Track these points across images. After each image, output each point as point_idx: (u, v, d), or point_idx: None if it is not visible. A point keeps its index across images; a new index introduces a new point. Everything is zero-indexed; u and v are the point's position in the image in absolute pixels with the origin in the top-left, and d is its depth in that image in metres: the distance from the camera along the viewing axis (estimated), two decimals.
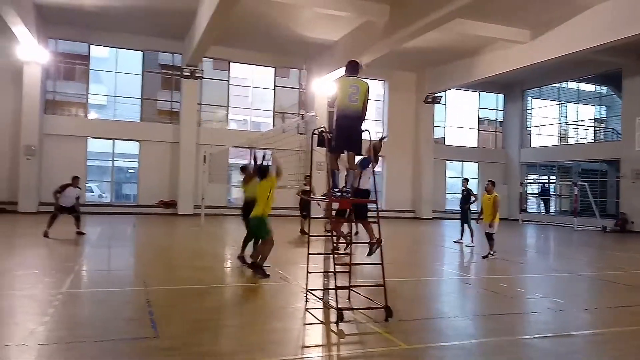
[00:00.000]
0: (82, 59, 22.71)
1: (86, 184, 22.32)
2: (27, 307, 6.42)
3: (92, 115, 23.40)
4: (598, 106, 28.04)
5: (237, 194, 25.81)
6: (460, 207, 15.21)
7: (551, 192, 29.84)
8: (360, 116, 6.65)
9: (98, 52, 23.21)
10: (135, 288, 7.70)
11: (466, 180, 15.74)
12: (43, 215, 14.11)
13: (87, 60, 22.71)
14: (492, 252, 11.65)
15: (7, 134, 20.68)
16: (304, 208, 14.83)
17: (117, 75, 23.27)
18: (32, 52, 19.65)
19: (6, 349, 4.71)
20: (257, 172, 9.16)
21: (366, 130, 6.76)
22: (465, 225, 14.71)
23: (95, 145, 22.92)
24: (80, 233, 13.43)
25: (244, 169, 10.98)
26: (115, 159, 23.47)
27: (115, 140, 23.08)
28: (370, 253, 7.50)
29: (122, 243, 13.37)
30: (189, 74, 22.40)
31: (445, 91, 27.30)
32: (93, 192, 24.08)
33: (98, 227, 16.33)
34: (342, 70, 8.44)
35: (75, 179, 13.38)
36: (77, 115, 22.94)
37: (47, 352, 4.72)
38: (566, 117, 28.47)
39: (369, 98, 6.79)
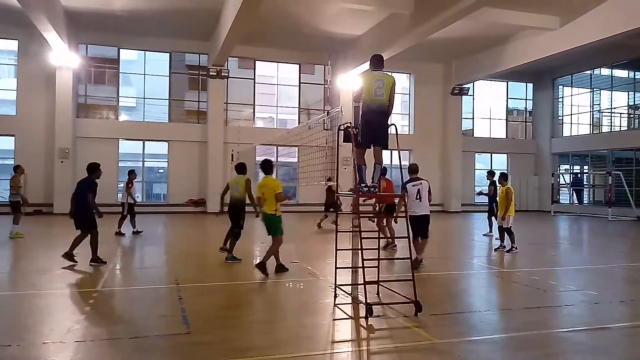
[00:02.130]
0: (112, 62, 23.24)
1: (118, 185, 22.83)
2: (65, 305, 6.65)
3: (123, 117, 23.92)
4: (632, 92, 27.15)
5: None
6: (489, 200, 15.06)
7: (584, 182, 29.12)
8: (386, 110, 6.62)
9: (127, 56, 23.70)
10: (168, 285, 7.85)
11: (490, 174, 15.45)
12: None
13: (116, 64, 23.23)
14: (514, 247, 11.43)
15: (41, 137, 21.32)
16: (331, 204, 14.89)
17: (145, 77, 23.71)
18: (64, 58, 20.21)
19: (45, 347, 4.88)
20: (263, 168, 8.93)
21: (393, 124, 6.73)
22: (493, 219, 14.55)
23: (126, 147, 23.43)
24: (138, 232, 14.22)
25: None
26: (145, 159, 23.94)
27: (145, 141, 23.55)
28: (415, 267, 8.11)
29: (154, 241, 13.64)
30: (215, 73, 22.69)
31: (472, 82, 26.89)
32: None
33: (130, 226, 16.69)
34: (367, 65, 8.38)
35: (133, 171, 14.59)
36: (108, 118, 23.48)
37: (84, 349, 4.86)
38: (599, 104, 27.66)
39: (395, 92, 6.74)
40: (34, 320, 5.86)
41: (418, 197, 9.28)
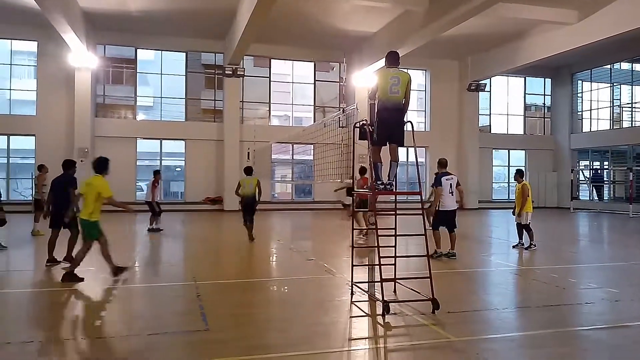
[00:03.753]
0: (129, 62, 23.51)
1: (136, 184, 23.13)
2: (86, 302, 6.75)
3: (140, 116, 24.18)
4: None
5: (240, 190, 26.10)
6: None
7: (604, 179, 28.67)
8: (402, 108, 6.59)
9: (144, 55, 23.95)
10: (186, 283, 7.94)
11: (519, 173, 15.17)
12: None
13: (134, 64, 23.49)
14: (532, 244, 11.33)
15: (61, 137, 21.64)
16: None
17: (162, 76, 23.93)
18: (82, 58, 20.50)
19: (66, 343, 4.97)
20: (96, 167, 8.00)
21: (409, 121, 6.70)
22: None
23: (143, 146, 23.69)
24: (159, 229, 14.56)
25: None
26: (163, 158, 24.17)
27: (163, 140, 23.78)
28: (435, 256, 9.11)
29: (172, 239, 13.78)
30: (230, 72, 22.80)
31: (489, 78, 26.62)
32: (143, 191, 24.86)
33: (149, 224, 16.88)
34: (382, 62, 8.36)
35: (158, 172, 15.51)
36: (126, 117, 23.76)
37: (105, 345, 4.95)
38: (619, 99, 27.19)
39: (411, 89, 6.71)
40: (55, 317, 5.97)
41: (450, 192, 9.72)
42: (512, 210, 12.09)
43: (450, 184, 10.03)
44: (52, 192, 9.06)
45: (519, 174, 11.85)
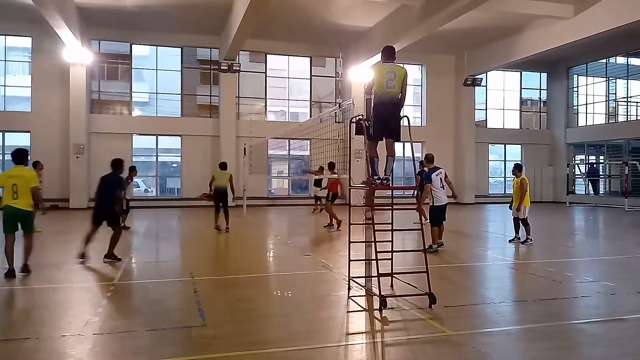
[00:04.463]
0: (124, 58, 23.38)
1: (133, 179, 23.04)
2: (83, 299, 6.74)
3: (136, 112, 24.09)
4: None
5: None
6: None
7: (600, 173, 28.76)
8: (399, 103, 6.59)
9: (139, 51, 23.83)
10: (183, 279, 7.93)
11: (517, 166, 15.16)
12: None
13: (129, 59, 23.37)
14: (529, 238, 11.41)
15: (56, 133, 21.56)
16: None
17: (157, 72, 23.83)
18: (77, 54, 20.37)
19: (64, 339, 4.96)
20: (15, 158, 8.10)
21: (405, 116, 6.70)
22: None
23: (139, 142, 23.62)
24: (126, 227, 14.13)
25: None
26: (159, 154, 24.11)
27: (158, 136, 23.70)
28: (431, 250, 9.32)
29: (169, 235, 13.77)
30: (226, 68, 22.72)
31: (485, 73, 26.63)
32: (139, 187, 24.83)
33: (145, 220, 16.90)
34: (378, 57, 8.34)
35: (133, 168, 15.18)
36: (121, 113, 23.65)
37: (102, 342, 4.94)
38: (615, 93, 27.24)
39: (408, 84, 6.70)
40: (52, 314, 5.96)
41: (442, 186, 9.86)
42: (509, 204, 12.13)
43: (440, 178, 10.14)
44: (100, 189, 9.19)
45: (518, 168, 11.84)
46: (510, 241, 11.69)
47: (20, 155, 8.04)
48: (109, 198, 9.00)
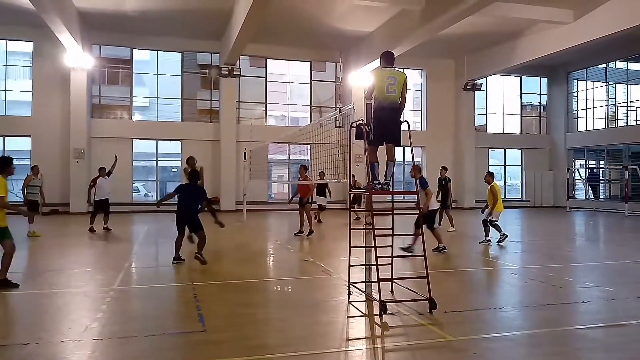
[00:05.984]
0: (125, 63, 23.44)
1: (133, 184, 23.09)
2: (82, 304, 6.73)
3: (136, 117, 24.12)
4: None
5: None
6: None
7: (600, 177, 28.76)
8: (399, 107, 6.60)
9: (140, 56, 23.89)
10: (183, 284, 7.92)
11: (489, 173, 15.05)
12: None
13: (129, 64, 23.42)
14: (504, 234, 11.91)
15: (57, 138, 21.58)
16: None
17: (158, 77, 23.87)
18: (78, 59, 20.42)
19: (63, 345, 4.95)
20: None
21: (405, 121, 6.70)
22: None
23: (140, 146, 23.63)
24: (107, 229, 14.22)
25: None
26: (159, 158, 24.11)
27: (159, 141, 23.72)
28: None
29: (169, 240, 13.72)
30: (226, 72, 22.75)
31: (485, 77, 26.68)
32: (139, 192, 24.82)
33: (145, 225, 16.88)
34: (378, 62, 8.35)
35: (101, 169, 14.49)
36: (122, 118, 23.68)
37: (101, 347, 4.93)
38: (615, 98, 27.28)
39: (408, 88, 6.72)
40: (52, 319, 5.94)
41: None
42: (481, 208, 12.92)
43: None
44: (181, 198, 9.46)
45: (490, 175, 12.27)
46: (480, 242, 12.20)
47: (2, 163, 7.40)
48: (191, 207, 9.41)
